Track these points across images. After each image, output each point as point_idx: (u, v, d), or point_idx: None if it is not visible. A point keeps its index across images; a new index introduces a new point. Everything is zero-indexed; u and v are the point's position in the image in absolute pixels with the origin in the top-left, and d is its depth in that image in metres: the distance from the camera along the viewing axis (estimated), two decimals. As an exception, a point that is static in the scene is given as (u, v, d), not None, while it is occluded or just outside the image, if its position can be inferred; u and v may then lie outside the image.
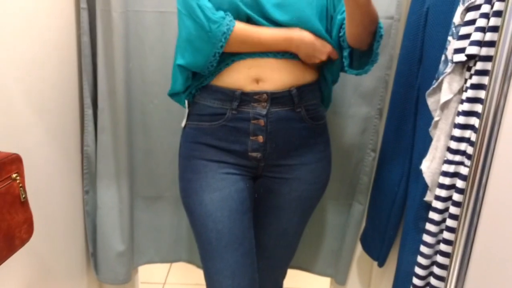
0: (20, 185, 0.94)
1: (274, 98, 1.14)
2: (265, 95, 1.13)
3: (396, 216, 1.45)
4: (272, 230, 1.28)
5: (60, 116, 1.40)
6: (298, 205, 1.26)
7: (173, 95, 1.26)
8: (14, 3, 1.12)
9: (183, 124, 1.26)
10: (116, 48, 1.45)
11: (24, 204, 0.96)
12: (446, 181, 0.92)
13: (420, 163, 1.18)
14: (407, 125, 1.34)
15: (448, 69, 0.92)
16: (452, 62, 0.91)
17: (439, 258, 0.93)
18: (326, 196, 1.65)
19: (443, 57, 0.95)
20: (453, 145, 0.91)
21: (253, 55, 1.13)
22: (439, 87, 0.95)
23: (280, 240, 1.30)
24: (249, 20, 1.12)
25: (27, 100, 1.20)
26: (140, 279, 1.90)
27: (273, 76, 1.13)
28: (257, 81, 1.14)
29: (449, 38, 0.92)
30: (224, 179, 1.18)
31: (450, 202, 0.93)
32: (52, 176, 1.36)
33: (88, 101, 1.51)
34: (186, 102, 1.26)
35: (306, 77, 1.18)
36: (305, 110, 1.18)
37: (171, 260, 1.80)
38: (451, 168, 0.91)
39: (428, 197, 1.01)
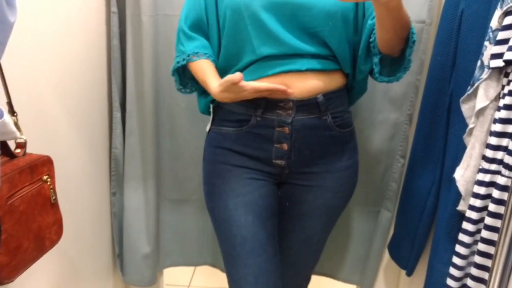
0: (51, 187, 0.95)
1: (300, 105, 1.11)
2: (290, 103, 1.11)
3: (425, 224, 1.41)
4: (296, 237, 1.26)
5: (90, 119, 1.42)
6: (322, 213, 1.23)
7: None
8: (46, 8, 1.14)
9: (207, 128, 1.26)
10: (145, 51, 1.46)
11: (54, 205, 0.97)
12: (481, 190, 0.89)
13: (452, 171, 1.15)
14: (439, 131, 1.31)
15: (484, 75, 0.89)
16: (489, 67, 0.88)
17: (474, 271, 0.90)
18: (353, 202, 1.63)
19: (478, 63, 0.92)
20: (489, 153, 0.87)
21: (276, 71, 1.11)
22: (474, 94, 0.92)
23: (304, 246, 1.27)
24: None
25: (59, 102, 1.22)
26: (165, 281, 1.90)
27: (299, 84, 1.11)
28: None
29: (486, 43, 0.90)
30: (248, 184, 1.17)
31: (485, 212, 0.89)
32: (81, 178, 1.38)
33: (117, 104, 1.53)
34: (211, 106, 1.26)
35: (332, 83, 1.15)
36: (331, 118, 1.15)
37: (196, 264, 1.81)
38: (486, 177, 0.88)
39: (461, 206, 0.98)
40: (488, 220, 0.85)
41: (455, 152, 1.14)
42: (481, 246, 0.87)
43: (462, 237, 0.94)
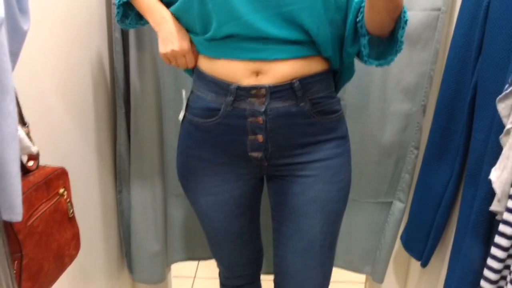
0: (67, 200, 0.90)
1: (274, 92, 1.00)
2: (263, 89, 1.00)
3: (442, 217, 1.40)
4: (295, 244, 1.12)
5: (94, 115, 1.36)
6: (317, 209, 1.10)
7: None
8: (46, 2, 1.06)
9: (180, 116, 1.17)
10: (148, 45, 1.39)
11: (71, 219, 0.92)
12: (521, 194, 0.86)
13: (477, 167, 1.13)
14: (458, 124, 1.28)
15: (525, 74, 0.86)
16: (530, 66, 0.84)
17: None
18: (365, 193, 1.62)
19: (518, 61, 0.88)
20: (530, 156, 0.84)
21: (243, 57, 1.01)
22: (512, 93, 0.89)
23: (307, 258, 1.12)
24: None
25: (62, 100, 1.15)
26: (172, 273, 1.88)
27: (271, 69, 1.00)
28: (256, 73, 1.01)
29: (527, 40, 0.85)
30: (219, 185, 1.13)
31: (525, 216, 0.87)
32: (86, 176, 1.32)
33: (120, 100, 1.46)
34: (183, 93, 1.18)
35: (312, 67, 1.03)
36: (310, 104, 1.04)
37: (204, 258, 1.78)
38: (527, 181, 0.85)
39: (496, 207, 0.95)
40: (531, 227, 0.83)
41: (480, 149, 1.11)
42: (523, 253, 0.85)
43: (499, 239, 0.91)
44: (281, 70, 1.00)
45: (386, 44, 1.02)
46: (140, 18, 1.17)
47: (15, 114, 0.62)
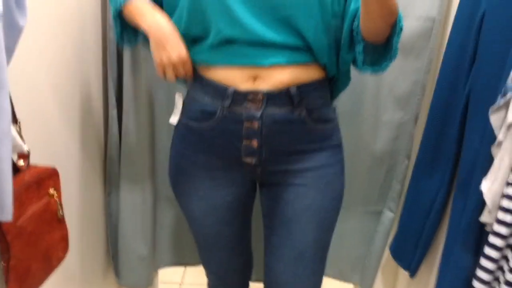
0: (58, 201, 0.88)
1: (271, 98, 1.00)
2: (260, 94, 1.00)
3: (431, 226, 1.40)
4: (287, 253, 1.11)
5: (85, 116, 1.34)
6: (310, 218, 1.09)
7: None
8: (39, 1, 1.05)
9: (174, 121, 1.15)
10: (142, 46, 1.37)
11: (61, 220, 0.90)
12: (513, 206, 0.86)
13: (468, 177, 1.13)
14: (450, 134, 1.29)
15: (519, 86, 0.86)
16: (524, 78, 0.85)
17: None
18: (355, 202, 1.62)
19: (512, 73, 0.89)
20: (522, 168, 0.85)
21: (240, 62, 1.02)
22: (506, 105, 0.89)
23: (299, 267, 1.11)
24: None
25: (52, 98, 1.13)
26: (159, 279, 1.86)
27: (269, 75, 1.00)
28: (254, 78, 1.01)
29: (522, 53, 0.86)
30: (212, 189, 1.13)
31: (516, 228, 0.88)
32: (74, 177, 1.30)
33: (113, 101, 1.44)
34: (177, 96, 1.16)
35: (309, 74, 1.04)
36: (306, 112, 1.04)
37: (192, 263, 1.76)
38: (519, 193, 0.86)
39: (486, 218, 0.95)
40: (523, 238, 0.83)
41: (472, 158, 1.11)
42: (514, 264, 0.85)
43: (489, 251, 0.91)
44: (278, 76, 1.00)
45: (381, 51, 1.02)
46: (136, 31, 1.13)
47: (9, 111, 0.60)
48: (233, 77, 1.01)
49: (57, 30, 1.13)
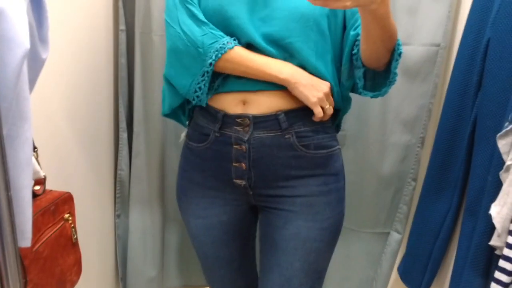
0: (72, 225, 0.90)
1: (258, 122, 1.01)
2: (247, 119, 1.01)
3: (440, 249, 1.40)
4: (275, 278, 1.09)
5: (96, 139, 1.37)
6: (297, 246, 1.06)
7: (168, 115, 1.16)
8: (53, 27, 1.07)
9: (180, 141, 1.20)
10: (155, 71, 1.41)
11: (75, 245, 0.92)
12: (522, 230, 0.87)
13: (476, 201, 1.14)
14: (457, 158, 1.30)
15: (525, 113, 0.88)
16: (531, 106, 0.87)
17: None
18: (362, 224, 1.62)
19: (518, 99, 0.91)
20: (530, 193, 0.86)
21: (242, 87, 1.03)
22: (512, 130, 0.91)
23: None
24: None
25: (67, 124, 1.16)
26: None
27: (257, 99, 1.02)
28: (243, 103, 1.03)
29: (527, 80, 0.88)
30: (207, 208, 1.14)
31: (525, 252, 0.88)
32: (85, 199, 1.32)
33: (123, 124, 1.47)
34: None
35: (298, 100, 1.02)
36: (296, 137, 1.03)
37: (199, 285, 1.76)
38: (527, 218, 0.87)
39: (496, 242, 0.96)
40: (532, 263, 0.84)
41: (480, 183, 1.12)
42: (525, 289, 0.86)
43: (499, 275, 0.92)
44: (266, 101, 1.02)
45: (381, 76, 1.03)
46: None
47: (31, 142, 0.63)
48: (225, 101, 1.04)
49: (70, 57, 1.16)
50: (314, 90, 0.99)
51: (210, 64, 0.98)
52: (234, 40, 1.00)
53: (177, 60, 1.03)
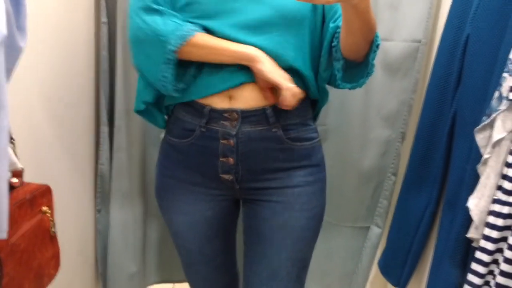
0: (50, 218, 0.88)
1: (246, 116, 1.02)
2: (235, 113, 1.02)
3: (419, 243, 1.42)
4: (261, 271, 1.11)
5: (76, 133, 1.35)
6: (285, 235, 1.09)
7: (142, 112, 1.14)
8: (33, 19, 1.05)
9: (162, 135, 1.19)
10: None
11: (53, 238, 0.90)
12: (499, 222, 0.89)
13: (455, 194, 1.16)
14: (437, 152, 1.32)
15: (503, 106, 0.89)
16: (508, 99, 0.88)
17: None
18: (343, 218, 1.64)
19: (496, 94, 0.92)
20: (507, 185, 0.88)
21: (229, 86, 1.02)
22: (490, 124, 0.92)
23: (273, 286, 1.10)
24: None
25: (43, 114, 1.14)
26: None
27: (246, 94, 1.02)
28: (229, 97, 1.03)
29: (505, 74, 0.89)
30: (192, 203, 1.13)
31: (502, 243, 0.90)
32: (64, 194, 1.30)
33: (104, 118, 1.45)
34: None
35: None
36: (282, 130, 1.05)
37: (181, 280, 1.75)
38: (504, 209, 0.88)
39: (473, 234, 0.98)
40: (509, 253, 0.85)
41: (458, 176, 1.14)
42: (501, 279, 0.87)
43: (476, 266, 0.94)
44: (251, 95, 1.02)
45: (358, 68, 1.04)
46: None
47: (8, 131, 0.61)
48: (211, 96, 1.04)
49: (50, 49, 1.14)
50: (280, 72, 0.99)
51: (173, 51, 0.97)
52: (197, 27, 1.00)
53: (140, 49, 1.02)
